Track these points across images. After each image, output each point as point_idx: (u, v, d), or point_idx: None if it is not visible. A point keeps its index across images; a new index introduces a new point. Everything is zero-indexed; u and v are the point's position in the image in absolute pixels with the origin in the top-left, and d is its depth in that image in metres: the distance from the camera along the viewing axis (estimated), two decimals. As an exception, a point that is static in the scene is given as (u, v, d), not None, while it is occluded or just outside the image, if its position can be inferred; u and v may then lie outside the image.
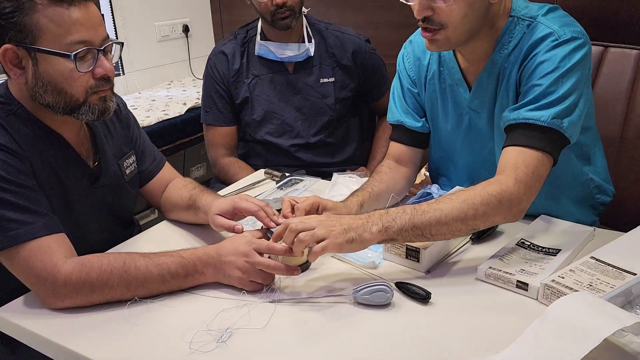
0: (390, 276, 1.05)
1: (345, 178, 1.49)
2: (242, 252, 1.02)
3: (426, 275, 1.06)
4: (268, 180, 1.58)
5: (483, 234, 1.16)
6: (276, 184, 1.52)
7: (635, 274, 0.94)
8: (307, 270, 1.07)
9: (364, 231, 0.98)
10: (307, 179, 1.55)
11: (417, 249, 1.06)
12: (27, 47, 1.00)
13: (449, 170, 1.37)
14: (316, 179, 1.55)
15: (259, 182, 1.57)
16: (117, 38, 2.74)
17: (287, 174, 1.56)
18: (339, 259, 1.12)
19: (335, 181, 1.48)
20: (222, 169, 1.84)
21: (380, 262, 1.10)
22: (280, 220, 1.11)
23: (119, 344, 0.91)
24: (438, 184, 1.37)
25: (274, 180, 1.56)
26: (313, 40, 1.80)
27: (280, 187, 1.50)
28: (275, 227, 1.09)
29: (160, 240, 1.26)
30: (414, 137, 1.35)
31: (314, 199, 1.15)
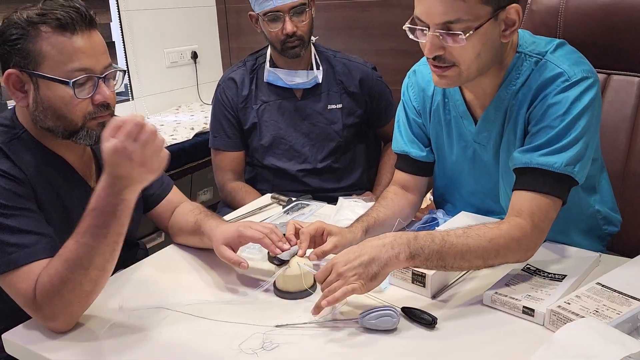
0: (396, 301, 1.05)
1: (351, 202, 1.50)
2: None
3: (432, 300, 1.06)
4: (274, 205, 1.59)
5: (489, 260, 1.16)
6: (283, 209, 1.53)
7: (641, 301, 0.94)
8: (313, 294, 1.08)
9: (389, 259, 0.98)
10: (314, 203, 1.56)
11: (423, 274, 1.06)
12: (30, 73, 1.04)
13: (454, 198, 1.38)
14: (322, 204, 1.57)
15: (266, 207, 1.58)
16: (128, 64, 2.79)
17: (294, 199, 1.58)
18: (345, 284, 1.12)
19: (341, 205, 1.49)
20: (229, 193, 1.86)
21: (387, 287, 1.11)
22: (286, 247, 1.12)
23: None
24: (444, 210, 1.38)
25: (281, 205, 1.57)
26: (321, 68, 1.83)
27: (287, 212, 1.51)
28: (280, 254, 1.10)
29: (166, 264, 1.27)
30: (419, 167, 1.36)
31: (318, 224, 1.16)
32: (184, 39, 3.09)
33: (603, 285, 1.00)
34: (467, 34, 1.01)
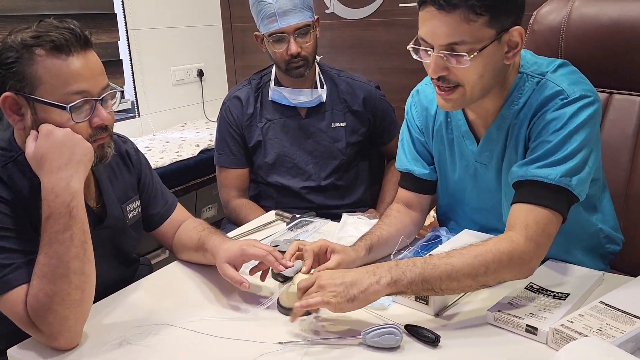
0: (399, 318, 1.05)
1: (355, 219, 1.50)
2: None
3: (435, 318, 1.06)
4: (278, 222, 1.59)
5: (492, 278, 1.16)
6: (286, 226, 1.54)
7: (644, 320, 0.94)
8: (316, 312, 1.08)
9: (370, 285, 0.98)
10: (317, 220, 1.57)
11: (426, 292, 1.06)
12: (26, 96, 1.02)
13: (458, 215, 1.38)
14: (326, 221, 1.57)
15: (270, 224, 1.58)
16: (134, 81, 2.83)
17: (298, 216, 1.58)
18: (348, 301, 1.13)
19: (344, 222, 1.50)
20: (234, 210, 1.87)
21: (390, 304, 1.11)
22: (289, 264, 1.12)
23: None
24: (447, 227, 1.38)
25: (285, 222, 1.58)
26: (325, 87, 1.85)
27: (291, 229, 1.52)
28: (284, 271, 1.11)
29: (171, 281, 1.28)
30: (422, 185, 1.36)
31: (322, 242, 1.17)
32: (190, 57, 3.13)
33: (606, 304, 1.00)
34: (472, 56, 1.02)
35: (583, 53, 1.37)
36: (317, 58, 1.87)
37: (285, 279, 1.11)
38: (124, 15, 2.75)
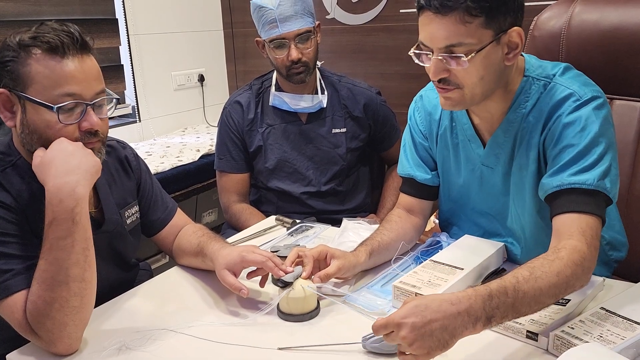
0: (399, 324, 1.04)
1: (355, 224, 1.50)
2: None
3: (436, 324, 1.06)
4: (279, 227, 1.59)
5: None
6: (287, 231, 1.54)
7: (645, 326, 0.94)
8: (316, 317, 1.08)
9: (465, 330, 0.86)
10: (317, 225, 1.57)
11: (427, 298, 1.06)
12: (18, 94, 1.03)
13: (461, 220, 1.38)
14: (326, 226, 1.57)
15: (270, 229, 1.58)
16: (135, 86, 2.84)
17: (298, 221, 1.58)
18: (349, 306, 1.12)
19: (345, 227, 1.49)
20: (234, 215, 1.87)
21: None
22: (289, 269, 1.12)
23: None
24: (448, 233, 1.38)
25: (285, 227, 1.58)
26: (326, 92, 1.85)
27: (291, 234, 1.52)
28: (284, 276, 1.11)
29: (170, 286, 1.27)
30: (423, 190, 1.36)
31: (322, 248, 1.17)
32: (191, 62, 3.14)
33: (607, 310, 1.00)
34: (470, 57, 1.03)
35: (584, 59, 1.37)
36: (318, 64, 1.87)
37: (285, 285, 1.10)
38: (126, 21, 2.76)
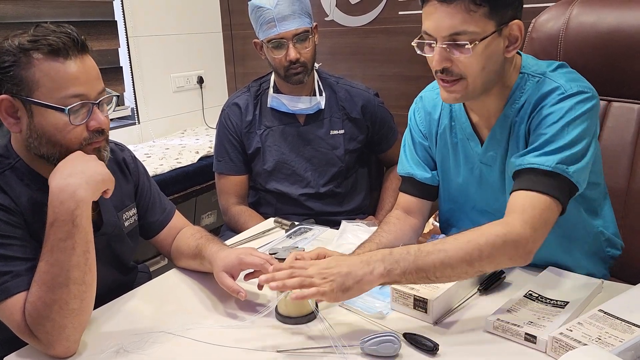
0: (398, 327, 1.04)
1: (354, 226, 1.50)
2: None
3: (434, 326, 1.06)
4: (277, 229, 1.59)
5: (491, 285, 1.16)
6: (285, 233, 1.54)
7: (644, 328, 0.94)
8: (314, 320, 1.08)
9: (364, 275, 0.98)
10: (316, 227, 1.57)
11: (425, 300, 1.06)
12: (23, 99, 1.02)
13: (460, 221, 1.38)
14: (325, 228, 1.57)
15: (269, 231, 1.58)
16: (135, 88, 2.84)
17: (297, 223, 1.58)
18: (347, 309, 1.12)
19: (343, 229, 1.49)
20: (233, 217, 1.87)
21: (388, 313, 1.11)
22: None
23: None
24: (448, 234, 1.38)
25: (283, 229, 1.57)
26: (324, 94, 1.85)
27: (290, 236, 1.52)
28: None
29: (169, 288, 1.27)
30: (423, 189, 1.37)
31: (320, 250, 1.17)
32: (190, 64, 3.14)
33: (605, 312, 1.00)
34: (473, 45, 1.06)
35: (581, 61, 1.37)
36: (316, 65, 1.87)
37: (284, 287, 1.10)
38: (125, 23, 2.76)
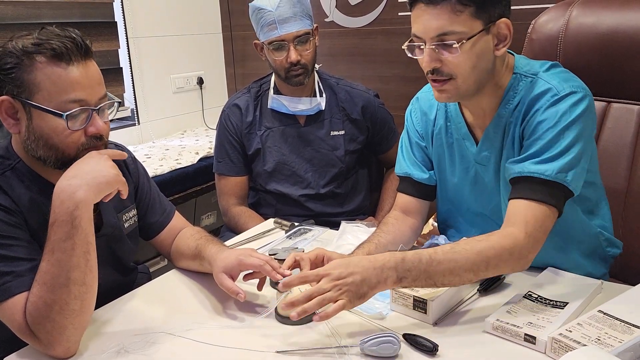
0: (397, 327, 1.05)
1: (353, 227, 1.51)
2: None
3: (434, 326, 1.06)
4: (277, 230, 1.59)
5: (490, 286, 1.16)
6: (285, 234, 1.54)
7: (643, 329, 0.94)
8: (314, 321, 1.08)
9: (378, 283, 1.01)
10: (316, 228, 1.57)
11: (425, 301, 1.06)
12: (23, 102, 1.02)
13: (458, 222, 1.39)
14: (325, 229, 1.57)
15: (269, 232, 1.58)
16: (134, 89, 2.84)
17: (296, 224, 1.58)
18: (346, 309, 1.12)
19: (343, 230, 1.50)
20: (233, 217, 1.87)
21: (388, 313, 1.11)
22: (287, 272, 1.12)
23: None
24: (446, 235, 1.38)
25: (283, 230, 1.58)
26: (324, 95, 1.86)
27: (289, 237, 1.52)
28: (282, 279, 1.11)
29: (169, 289, 1.27)
30: (421, 189, 1.37)
31: (319, 251, 1.17)
32: (190, 65, 3.14)
33: (605, 313, 1.00)
34: (460, 44, 1.07)
35: (581, 62, 1.38)
36: (316, 66, 1.87)
37: (283, 288, 1.10)
38: (125, 24, 2.77)
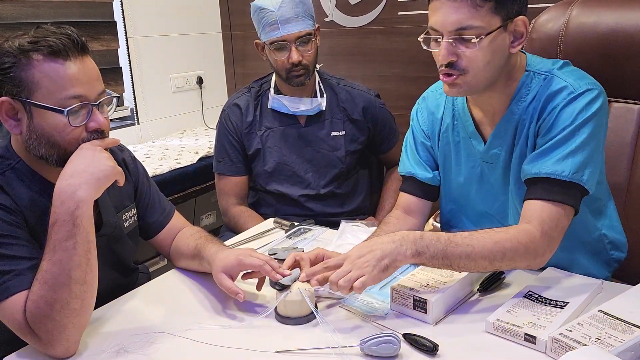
0: (397, 327, 1.05)
1: (353, 227, 1.50)
2: None
3: (434, 326, 1.06)
4: (277, 230, 1.59)
5: (490, 285, 1.16)
6: (285, 233, 1.54)
7: (644, 329, 0.94)
8: (314, 320, 1.08)
9: (398, 254, 1.04)
10: (316, 228, 1.57)
11: (425, 300, 1.06)
12: (23, 101, 1.02)
13: (461, 222, 1.38)
14: (324, 229, 1.57)
15: (268, 231, 1.58)
16: (134, 89, 2.84)
17: (296, 224, 1.58)
18: (347, 309, 1.12)
19: (343, 230, 1.50)
20: (233, 217, 1.87)
21: (388, 313, 1.11)
22: (287, 272, 1.12)
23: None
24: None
25: (283, 230, 1.57)
26: (325, 95, 1.85)
27: (289, 237, 1.52)
28: (282, 279, 1.11)
29: (168, 289, 1.27)
30: (424, 189, 1.37)
31: (318, 251, 1.17)
32: (189, 65, 3.14)
33: (605, 313, 1.00)
34: (479, 39, 1.07)
35: (581, 61, 1.37)
36: (318, 66, 1.87)
37: (283, 288, 1.10)
38: (124, 23, 2.76)
